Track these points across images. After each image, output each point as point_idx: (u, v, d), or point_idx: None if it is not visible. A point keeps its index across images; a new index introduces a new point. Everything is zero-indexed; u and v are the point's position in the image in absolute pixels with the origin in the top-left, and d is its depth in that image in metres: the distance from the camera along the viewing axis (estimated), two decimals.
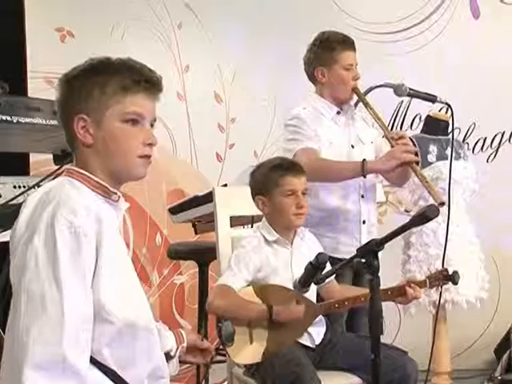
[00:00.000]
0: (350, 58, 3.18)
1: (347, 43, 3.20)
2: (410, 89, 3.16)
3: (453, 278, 2.68)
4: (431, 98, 3.17)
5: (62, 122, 1.78)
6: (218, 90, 4.75)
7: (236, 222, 3.19)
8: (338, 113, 3.23)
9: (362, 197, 3.19)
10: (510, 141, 5.09)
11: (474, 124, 4.98)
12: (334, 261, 2.36)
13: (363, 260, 1.93)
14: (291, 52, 4.50)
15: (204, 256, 3.77)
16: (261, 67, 4.73)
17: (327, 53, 3.18)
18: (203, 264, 3.87)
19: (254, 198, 2.74)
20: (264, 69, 4.73)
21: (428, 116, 3.93)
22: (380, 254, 1.93)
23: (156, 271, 4.62)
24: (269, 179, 2.69)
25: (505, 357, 4.37)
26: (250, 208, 2.79)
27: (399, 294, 2.68)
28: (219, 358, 3.13)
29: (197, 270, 3.97)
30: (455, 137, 3.44)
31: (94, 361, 1.64)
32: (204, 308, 3.46)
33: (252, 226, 3.19)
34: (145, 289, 4.29)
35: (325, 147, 3.11)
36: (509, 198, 4.88)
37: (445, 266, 2.94)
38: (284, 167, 2.69)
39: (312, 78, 3.27)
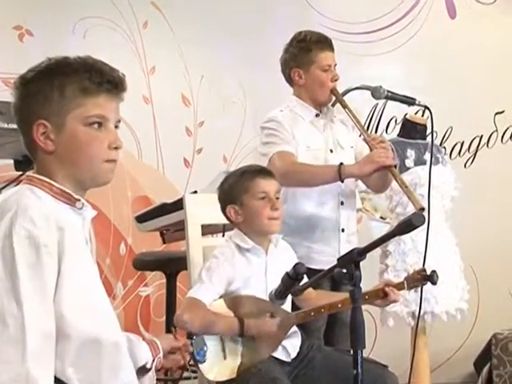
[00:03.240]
0: (327, 58, 3.19)
1: (325, 43, 3.20)
2: (389, 91, 3.17)
3: (431, 278, 2.66)
4: (410, 101, 3.19)
5: (20, 128, 1.75)
6: (185, 92, 4.73)
7: (207, 230, 3.16)
8: (317, 115, 3.24)
9: (342, 204, 3.19)
10: (487, 145, 5.19)
11: (451, 128, 5.02)
12: (309, 271, 2.32)
13: (344, 270, 1.91)
14: (261, 52, 4.62)
15: (172, 266, 3.76)
16: (230, 68, 4.75)
17: (304, 53, 3.18)
18: (171, 275, 3.85)
19: (224, 210, 2.73)
20: (233, 69, 4.75)
21: (405, 119, 3.95)
22: None
23: (120, 283, 4.59)
24: (238, 185, 2.69)
25: (485, 369, 4.40)
26: (221, 216, 2.79)
27: (377, 297, 2.67)
28: (190, 374, 3.14)
29: (164, 281, 3.95)
30: (433, 140, 3.42)
31: (57, 381, 1.60)
32: (171, 322, 3.42)
33: (224, 235, 3.18)
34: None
35: (302, 151, 3.12)
36: (487, 205, 4.97)
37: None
38: (252, 171, 2.71)
39: (289, 79, 3.26)
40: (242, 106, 4.78)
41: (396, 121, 4.84)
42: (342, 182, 3.02)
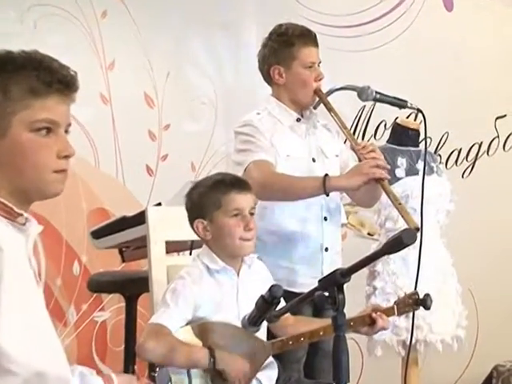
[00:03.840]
0: (311, 54, 3.19)
1: (308, 37, 3.20)
2: (377, 92, 3.16)
3: (424, 303, 2.68)
4: (401, 104, 3.18)
5: None
6: (148, 90, 4.72)
7: (172, 247, 3.18)
8: (298, 120, 3.25)
9: (325, 219, 3.19)
10: (488, 153, 5.23)
11: (447, 133, 5.04)
12: (289, 295, 2.34)
13: (326, 294, 1.92)
14: (236, 46, 4.64)
15: (132, 288, 3.75)
16: (200, 64, 4.75)
17: (285, 48, 3.18)
18: (131, 298, 3.84)
19: (191, 223, 2.72)
20: (204, 66, 4.75)
21: (396, 124, 3.99)
22: None
23: (73, 306, 4.56)
24: (209, 198, 2.68)
25: None
26: (188, 232, 2.78)
27: (363, 323, 2.67)
28: None
29: (123, 304, 3.94)
30: (427, 148, 3.46)
31: None
32: (131, 351, 3.42)
33: (191, 253, 3.18)
34: (59, 328, 4.32)
35: (281, 160, 3.13)
36: (488, 220, 4.99)
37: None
38: (226, 183, 2.69)
39: (267, 78, 3.26)
40: (213, 107, 4.77)
41: (385, 125, 4.86)
42: (327, 195, 3.02)
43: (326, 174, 2.99)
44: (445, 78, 5.02)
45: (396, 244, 1.88)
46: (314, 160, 3.21)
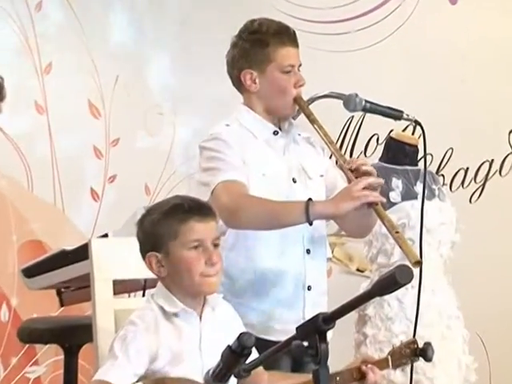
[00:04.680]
0: (290, 56, 3.18)
1: (287, 35, 3.19)
2: (367, 101, 3.12)
3: (424, 353, 2.64)
4: (395, 114, 3.14)
5: None
6: (93, 98, 4.75)
7: (121, 287, 3.16)
8: (276, 133, 3.23)
9: (308, 252, 3.17)
10: (500, 172, 5.25)
11: (452, 149, 5.05)
12: (264, 344, 2.31)
13: (305, 343, 1.91)
14: (199, 47, 4.63)
15: (72, 338, 3.73)
16: (155, 65, 4.77)
17: (258, 49, 3.17)
18: (71, 349, 3.82)
19: (144, 256, 2.70)
20: (159, 68, 4.77)
21: (390, 138, 3.98)
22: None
23: (0, 360, 4.52)
24: (164, 227, 2.66)
25: None
26: (141, 268, 2.73)
27: (351, 378, 2.64)
28: None
29: (61, 357, 3.90)
30: (427, 167, 3.42)
31: None
32: None
33: (144, 295, 3.17)
34: None
35: (255, 180, 3.11)
36: (500, 253, 4.99)
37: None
38: (185, 208, 2.67)
39: (238, 83, 3.25)
40: (171, 119, 4.78)
41: (378, 140, 4.88)
42: (311, 224, 2.98)
43: (310, 199, 2.97)
44: (448, 82, 5.04)
45: (390, 283, 1.86)
46: (294, 181, 3.19)
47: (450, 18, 5.17)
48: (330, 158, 3.38)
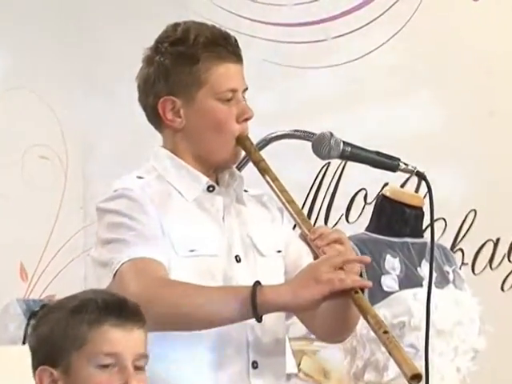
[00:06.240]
0: (230, 76, 2.87)
1: (225, 46, 2.88)
2: (346, 143, 2.80)
3: None
4: (388, 163, 2.84)
5: None
6: None
7: None
8: (211, 189, 2.88)
9: (254, 367, 2.79)
10: None
11: (475, 212, 4.63)
12: None
13: None
14: (100, 61, 4.49)
15: None
16: (36, 85, 4.62)
17: (184, 67, 2.85)
18: None
19: (34, 371, 2.42)
20: (43, 88, 4.66)
21: (382, 197, 3.75)
22: None
23: None
24: (67, 335, 2.39)
25: None
26: None
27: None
28: None
29: None
30: (437, 240, 3.14)
31: None
32: None
33: None
34: None
35: (180, 259, 2.78)
36: None
37: None
38: (98, 306, 2.40)
39: (154, 117, 2.88)
40: (62, 163, 4.47)
41: (366, 197, 4.59)
42: (259, 320, 2.62)
43: (257, 282, 2.64)
44: (467, 107, 4.63)
45: None
46: (237, 259, 2.86)
47: (471, 15, 4.76)
48: (294, 227, 3.03)
